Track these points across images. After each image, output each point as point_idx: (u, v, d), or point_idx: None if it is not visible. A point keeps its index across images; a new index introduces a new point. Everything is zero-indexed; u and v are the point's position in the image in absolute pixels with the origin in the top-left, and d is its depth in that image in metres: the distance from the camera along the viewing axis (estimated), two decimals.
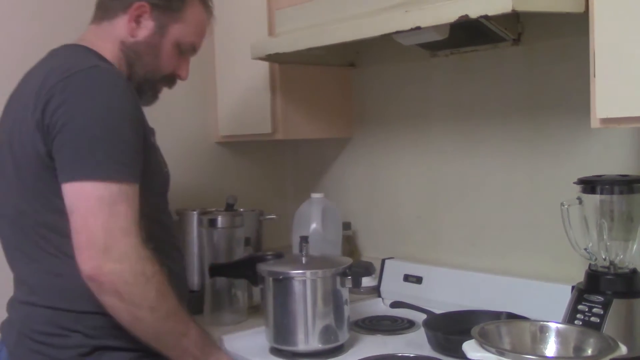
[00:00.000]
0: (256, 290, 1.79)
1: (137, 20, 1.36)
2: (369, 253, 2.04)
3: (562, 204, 1.37)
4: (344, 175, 2.16)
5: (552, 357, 1.14)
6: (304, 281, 1.44)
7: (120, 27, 1.36)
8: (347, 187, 2.15)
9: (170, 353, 1.24)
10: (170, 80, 1.46)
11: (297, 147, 2.33)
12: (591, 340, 1.13)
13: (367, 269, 1.49)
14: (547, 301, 1.52)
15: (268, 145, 2.29)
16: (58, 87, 1.17)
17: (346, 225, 2.02)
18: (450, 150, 1.83)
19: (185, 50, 1.43)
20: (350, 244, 2.04)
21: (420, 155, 1.91)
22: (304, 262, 1.50)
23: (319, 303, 1.45)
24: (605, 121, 1.17)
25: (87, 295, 1.15)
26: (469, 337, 1.35)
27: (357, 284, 1.47)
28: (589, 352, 1.12)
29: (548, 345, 1.17)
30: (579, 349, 1.14)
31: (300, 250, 1.52)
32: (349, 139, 2.12)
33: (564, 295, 1.46)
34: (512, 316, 1.52)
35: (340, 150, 2.16)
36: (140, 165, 1.20)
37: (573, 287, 1.46)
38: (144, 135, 1.24)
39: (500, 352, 1.07)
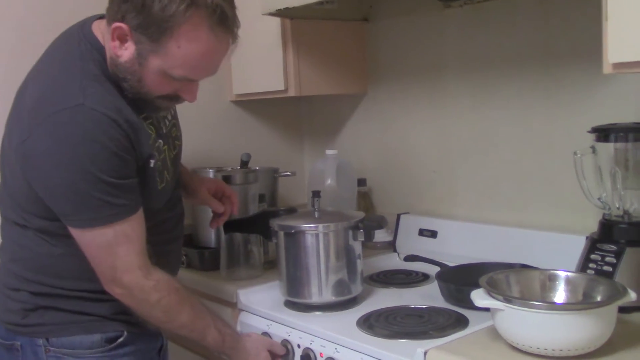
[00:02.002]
0: (272, 245, 1.81)
1: (121, 38, 1.15)
2: (385, 209, 2.04)
3: (575, 153, 1.35)
4: (359, 132, 2.15)
5: (559, 304, 1.14)
6: (316, 235, 1.45)
7: (109, 39, 1.17)
8: (362, 144, 2.14)
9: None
10: (172, 99, 1.24)
11: (311, 104, 2.32)
12: (600, 288, 1.13)
13: (380, 223, 1.49)
14: (561, 252, 1.51)
15: (282, 103, 2.27)
16: (37, 131, 1.13)
17: (361, 182, 2.02)
18: (464, 103, 1.81)
19: (181, 79, 1.18)
20: (365, 200, 2.04)
21: (435, 110, 1.89)
22: (316, 216, 1.51)
23: (331, 256, 1.46)
24: (618, 66, 1.13)
25: (43, 272, 1.25)
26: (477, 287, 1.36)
27: (369, 237, 1.48)
28: (598, 298, 1.11)
29: (557, 293, 1.17)
30: (588, 296, 1.14)
31: (313, 205, 1.53)
32: (363, 95, 2.11)
33: (578, 247, 1.45)
34: (525, 267, 1.51)
35: (354, 106, 2.15)
36: (136, 194, 1.20)
37: (587, 238, 1.45)
38: (137, 167, 1.20)
39: (508, 299, 1.07)
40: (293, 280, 1.49)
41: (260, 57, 1.99)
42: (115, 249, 1.17)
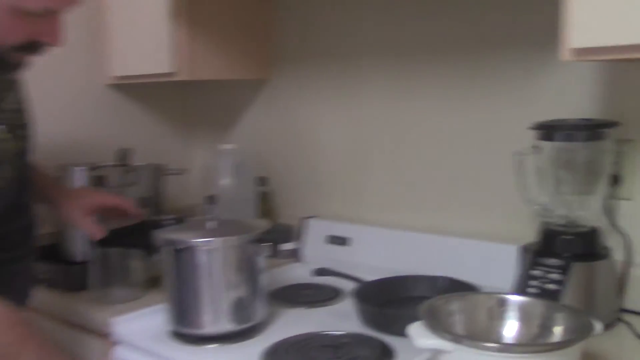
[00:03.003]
0: (155, 259, 1.52)
1: None
2: (288, 212, 1.81)
3: (515, 153, 1.16)
4: (259, 124, 1.90)
5: (516, 345, 0.94)
6: (210, 251, 1.18)
7: None
8: (263, 137, 1.89)
9: None
10: (30, 48, 1.03)
11: (205, 91, 2.04)
12: (559, 317, 0.94)
13: (287, 235, 1.26)
14: (491, 263, 1.36)
15: (170, 88, 2.00)
16: None
17: (261, 181, 1.79)
18: (382, 93, 1.60)
19: (39, 12, 0.99)
20: (266, 202, 1.80)
21: (348, 100, 1.67)
22: (210, 227, 1.24)
23: (229, 277, 1.20)
24: (579, 52, 0.96)
25: None
26: (406, 310, 1.16)
27: (275, 252, 1.23)
28: (558, 331, 0.93)
29: (508, 323, 0.98)
30: (545, 327, 0.95)
31: (206, 213, 1.26)
32: (265, 82, 1.86)
33: (509, 257, 1.31)
34: (452, 281, 1.34)
35: (254, 94, 1.90)
36: None
37: (521, 248, 1.28)
38: None
39: (457, 338, 0.86)
40: (182, 307, 1.21)
41: (144, 32, 1.71)
42: None
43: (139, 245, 1.32)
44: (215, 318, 1.20)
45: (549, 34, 1.29)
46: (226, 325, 1.20)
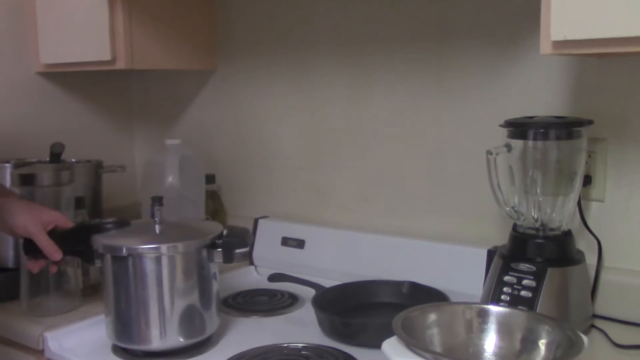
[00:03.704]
0: (93, 266, 1.39)
1: None
2: (239, 211, 1.70)
3: (489, 152, 1.10)
4: (206, 117, 1.78)
5: None
6: (157, 258, 1.07)
7: None
8: (211, 132, 1.77)
9: None
10: None
11: (146, 81, 1.91)
12: (543, 329, 0.88)
13: (243, 239, 1.15)
14: (456, 268, 1.29)
15: (108, 78, 1.86)
16: None
17: (210, 178, 1.67)
18: (339, 87, 1.51)
19: None
20: (214, 201, 1.69)
21: (302, 93, 1.57)
22: (157, 231, 1.13)
23: (178, 286, 1.08)
24: (560, 45, 0.89)
25: None
26: (371, 320, 1.09)
27: (229, 258, 1.13)
28: (542, 345, 0.86)
29: (488, 337, 0.91)
30: (528, 341, 0.88)
31: (153, 216, 1.15)
32: (212, 72, 1.74)
33: (476, 261, 1.25)
34: (416, 287, 1.27)
35: (200, 85, 1.77)
36: None
37: (489, 251, 1.23)
38: None
39: (437, 358, 0.78)
40: (125, 319, 1.09)
41: (79, 16, 1.56)
42: None
43: (74, 252, 1.18)
44: (162, 332, 1.08)
45: (520, 27, 1.23)
46: (175, 340, 1.09)
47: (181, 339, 1.10)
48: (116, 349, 1.13)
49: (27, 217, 1.12)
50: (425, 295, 1.21)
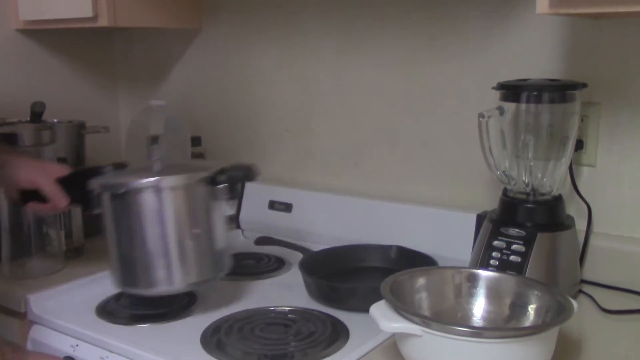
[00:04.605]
0: (77, 227, 1.37)
1: None
2: None
3: (481, 115, 1.07)
4: (191, 78, 1.73)
5: (493, 329, 0.86)
6: (157, 191, 1.01)
7: None
8: (197, 93, 1.73)
9: None
10: None
11: (130, 40, 1.85)
12: (532, 294, 0.87)
13: (248, 173, 1.09)
14: (445, 232, 1.28)
15: (90, 36, 1.79)
16: None
17: (195, 141, 1.62)
18: (328, 46, 1.47)
19: None
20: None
21: (289, 53, 1.53)
22: (157, 169, 1.08)
23: (182, 223, 1.04)
24: (557, 3, 0.87)
25: None
26: (358, 284, 1.08)
27: (235, 193, 1.09)
28: (532, 310, 0.86)
29: (477, 302, 0.90)
30: (517, 306, 0.87)
31: (151, 156, 1.09)
32: (199, 31, 1.69)
33: (466, 226, 1.23)
34: (405, 251, 1.26)
35: (186, 45, 1.72)
36: None
37: (478, 216, 1.21)
38: None
39: (427, 322, 0.77)
40: (127, 263, 1.05)
41: None
42: None
43: (76, 197, 1.13)
44: (167, 274, 1.04)
45: None
46: (182, 283, 1.05)
47: (188, 281, 1.06)
48: (100, 311, 1.12)
49: (32, 169, 1.11)
50: (413, 260, 1.20)
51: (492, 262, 1.08)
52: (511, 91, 1.09)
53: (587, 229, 1.16)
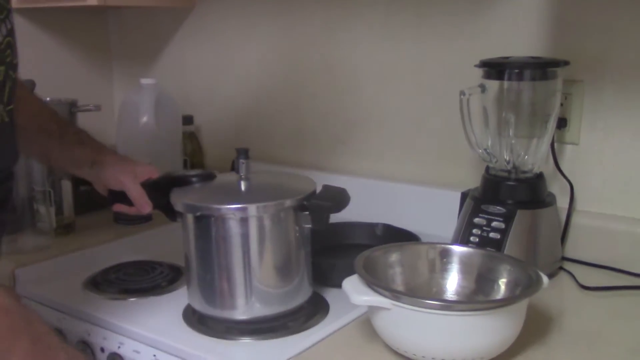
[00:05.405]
0: (67, 203, 1.38)
1: None
2: (217, 152, 1.68)
3: (462, 93, 1.08)
4: (183, 56, 1.74)
5: (459, 302, 0.87)
6: (243, 220, 0.93)
7: None
8: (188, 71, 1.73)
9: None
10: None
11: (123, 18, 1.85)
12: (503, 269, 0.88)
13: (337, 201, 0.97)
14: (430, 210, 1.29)
15: (83, 14, 1.79)
16: None
17: (187, 119, 1.64)
18: (316, 24, 1.47)
19: None
20: (192, 143, 1.66)
21: (280, 31, 1.53)
22: (244, 189, 1.02)
23: (266, 250, 0.96)
24: None
25: None
26: (340, 260, 1.09)
27: (319, 222, 0.96)
28: (502, 284, 0.87)
29: (450, 276, 0.91)
30: (489, 280, 0.88)
31: (237, 170, 1.03)
32: (190, 9, 1.69)
33: (451, 204, 1.23)
34: (390, 229, 1.27)
35: (178, 23, 1.72)
36: None
37: (463, 194, 1.22)
38: None
39: (396, 295, 0.78)
40: (203, 283, 0.98)
41: None
42: None
43: (159, 205, 1.05)
44: (247, 300, 0.95)
45: None
46: (260, 309, 0.96)
47: (267, 309, 0.96)
48: (87, 285, 1.14)
49: (120, 169, 1.07)
50: (399, 237, 1.20)
51: (472, 238, 1.09)
52: (493, 69, 1.09)
53: (570, 207, 1.17)
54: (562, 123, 1.15)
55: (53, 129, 1.09)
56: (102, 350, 1.02)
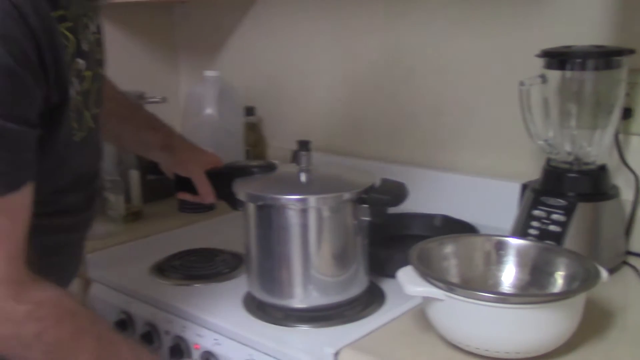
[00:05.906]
0: (135, 191, 1.44)
1: None
2: (278, 143, 1.71)
3: (521, 83, 1.06)
4: (246, 49, 1.77)
5: (514, 295, 0.87)
6: (303, 210, 0.95)
7: None
8: (250, 64, 1.76)
9: None
10: None
11: (187, 11, 1.89)
12: (561, 262, 0.87)
13: (397, 195, 0.98)
14: (491, 202, 1.28)
15: (149, 8, 1.84)
16: None
17: (249, 111, 1.67)
18: (377, 17, 1.47)
19: None
20: (255, 133, 1.70)
21: (341, 24, 1.54)
22: (304, 181, 1.03)
23: (324, 241, 0.98)
24: None
25: None
26: (398, 251, 1.09)
27: (377, 215, 0.97)
28: (560, 277, 0.86)
29: (506, 268, 0.90)
30: (546, 273, 0.87)
31: (298, 161, 1.03)
32: (252, 3, 1.71)
33: (511, 195, 1.22)
34: (449, 220, 1.27)
35: (240, 15, 1.75)
36: (29, 154, 0.71)
37: (523, 186, 1.20)
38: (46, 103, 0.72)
39: (450, 287, 0.79)
40: (263, 271, 1.01)
41: None
42: None
43: (223, 194, 1.09)
44: (304, 289, 0.98)
45: None
46: (318, 298, 0.98)
47: (324, 298, 0.99)
48: (154, 271, 1.19)
49: (188, 157, 1.11)
50: (457, 229, 1.19)
51: (531, 231, 1.07)
52: (555, 58, 1.07)
53: (635, 200, 1.13)
54: (627, 113, 1.12)
55: (125, 112, 1.14)
56: (167, 333, 1.06)
